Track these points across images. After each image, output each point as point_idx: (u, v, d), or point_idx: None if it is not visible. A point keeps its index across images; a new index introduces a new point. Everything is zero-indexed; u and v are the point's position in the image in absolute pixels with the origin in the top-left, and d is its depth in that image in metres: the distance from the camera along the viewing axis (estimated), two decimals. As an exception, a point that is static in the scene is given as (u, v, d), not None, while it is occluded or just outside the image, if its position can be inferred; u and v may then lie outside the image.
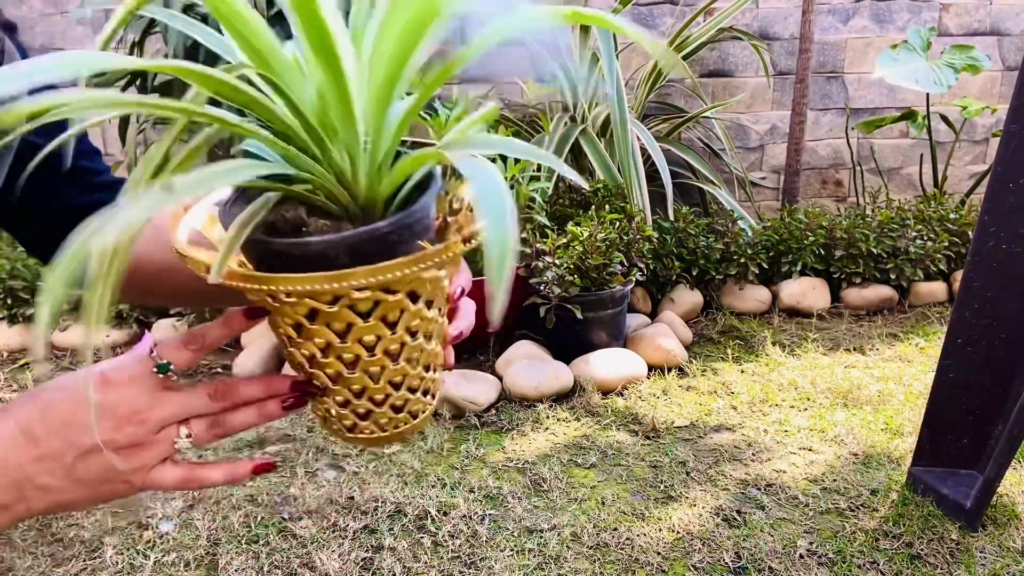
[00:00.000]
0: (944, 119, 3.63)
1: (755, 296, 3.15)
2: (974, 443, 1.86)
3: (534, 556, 1.71)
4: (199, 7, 2.35)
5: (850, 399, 2.41)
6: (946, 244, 3.13)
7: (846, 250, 3.10)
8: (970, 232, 3.05)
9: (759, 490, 1.96)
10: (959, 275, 2.73)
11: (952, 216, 3.24)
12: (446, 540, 1.76)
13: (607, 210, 2.78)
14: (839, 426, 2.25)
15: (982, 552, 1.70)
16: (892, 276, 3.13)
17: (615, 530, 1.79)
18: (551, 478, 2.01)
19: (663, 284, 3.07)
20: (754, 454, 2.12)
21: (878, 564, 1.67)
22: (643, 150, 3.06)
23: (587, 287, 2.56)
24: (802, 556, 1.70)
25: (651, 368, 2.61)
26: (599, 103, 3.33)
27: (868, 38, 3.73)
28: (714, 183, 3.40)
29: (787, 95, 3.71)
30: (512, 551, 1.73)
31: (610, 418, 2.32)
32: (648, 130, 3.18)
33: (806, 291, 3.13)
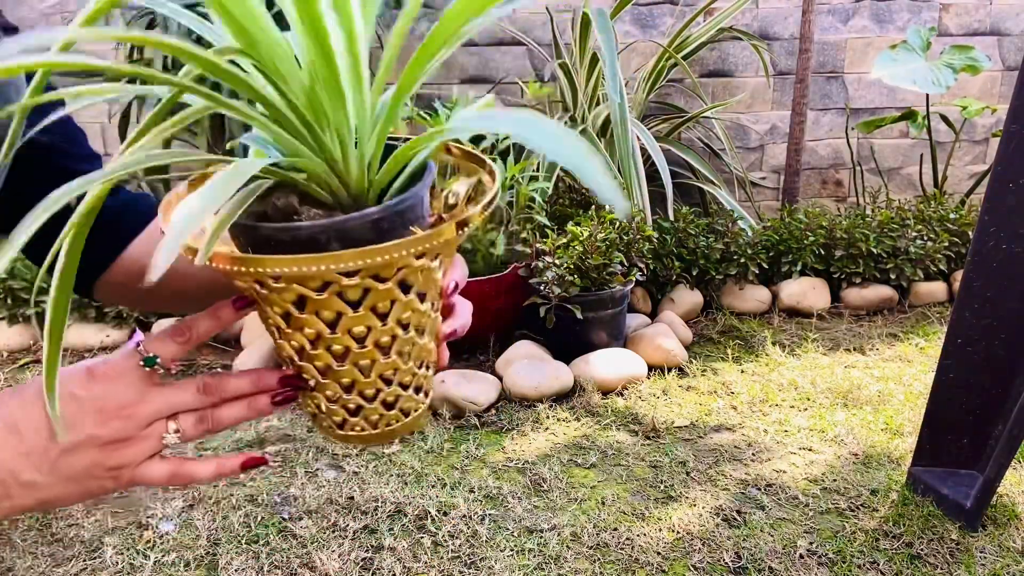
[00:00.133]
0: (944, 119, 3.63)
1: (755, 296, 3.15)
2: (974, 443, 1.86)
3: (534, 556, 1.71)
4: (200, 6, 2.35)
5: (850, 399, 2.41)
6: (946, 244, 3.13)
7: (846, 250, 3.10)
8: (970, 232, 3.04)
9: (759, 490, 1.96)
10: (959, 275, 2.73)
11: (952, 216, 3.24)
12: (446, 540, 1.76)
13: (607, 210, 2.78)
14: (839, 426, 2.25)
15: (982, 552, 1.70)
16: (892, 276, 3.13)
17: (615, 530, 1.79)
18: (551, 478, 2.01)
19: (663, 284, 3.07)
20: (754, 454, 2.12)
21: (878, 564, 1.67)
22: (643, 150, 3.06)
23: (587, 287, 2.56)
24: (802, 556, 1.70)
25: (651, 368, 2.61)
26: (599, 103, 3.33)
27: (868, 38, 3.73)
28: (714, 183, 3.40)
29: (787, 95, 3.71)
30: (512, 551, 1.73)
31: (610, 418, 2.32)
32: (648, 130, 3.18)
33: (806, 291, 3.13)
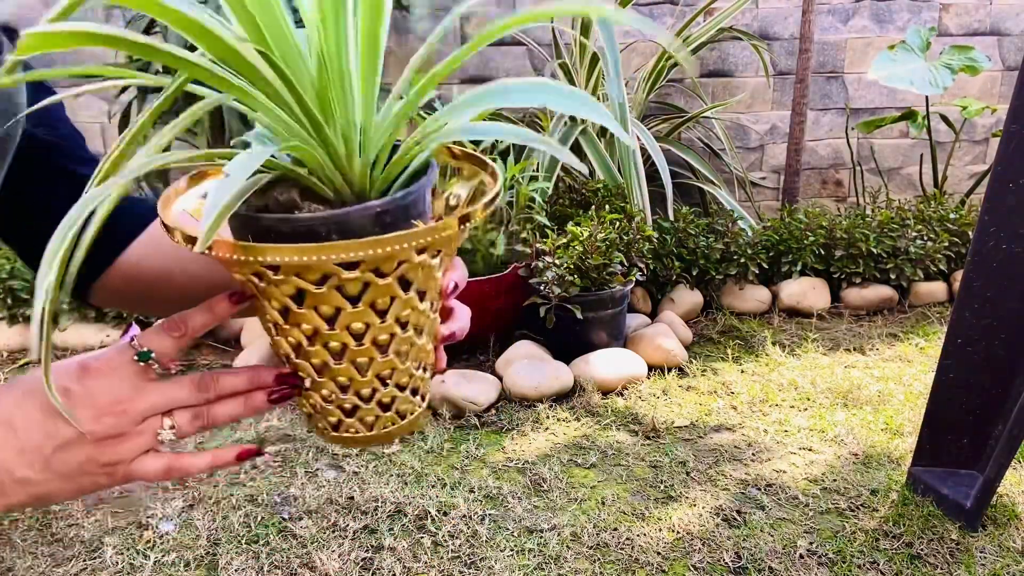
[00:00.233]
0: (944, 119, 3.63)
1: (755, 296, 3.15)
2: (974, 443, 1.86)
3: (534, 556, 1.71)
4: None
5: (850, 399, 2.41)
6: (946, 244, 3.13)
7: (846, 250, 3.10)
8: (970, 232, 3.04)
9: (759, 490, 1.96)
10: (959, 275, 2.73)
11: (952, 216, 3.23)
12: (446, 540, 1.76)
13: (607, 210, 2.78)
14: (839, 426, 2.25)
15: (982, 552, 1.70)
16: (892, 276, 3.13)
17: (615, 530, 1.79)
18: (551, 478, 2.01)
19: (663, 284, 3.07)
20: (754, 454, 2.12)
21: (878, 564, 1.67)
22: (643, 150, 3.07)
23: (587, 287, 2.56)
24: (802, 556, 1.70)
25: (651, 368, 2.61)
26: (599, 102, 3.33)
27: (868, 38, 3.73)
28: (714, 183, 3.40)
29: (787, 95, 3.71)
30: (512, 551, 1.73)
31: (610, 418, 2.32)
32: (648, 130, 3.18)
33: (806, 291, 3.13)
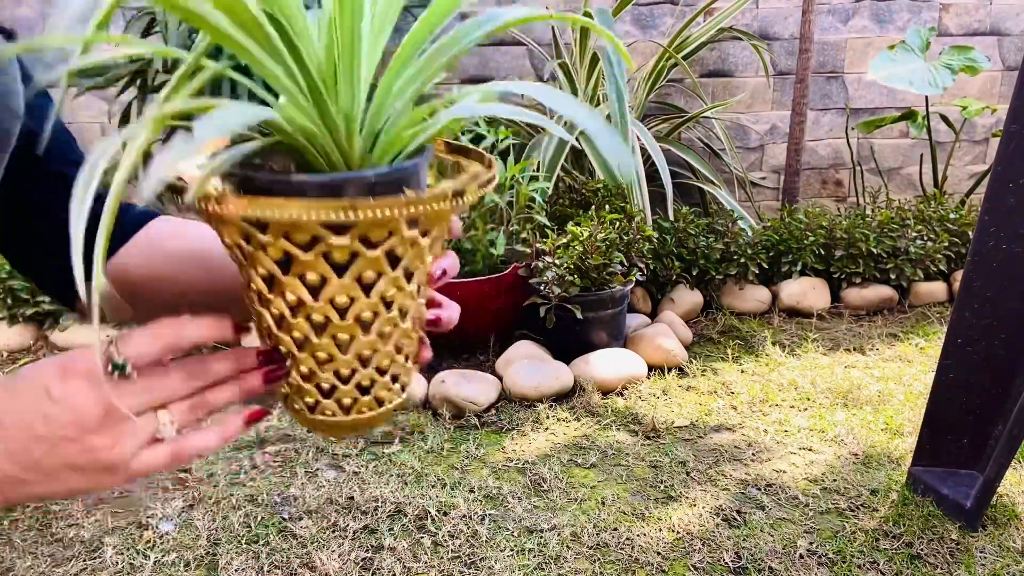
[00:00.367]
0: (944, 119, 3.63)
1: (755, 296, 3.15)
2: (974, 443, 1.86)
3: (534, 556, 1.71)
4: None
5: (850, 399, 2.41)
6: (946, 244, 3.13)
7: (846, 250, 3.10)
8: (970, 232, 3.04)
9: (759, 490, 1.96)
10: (959, 275, 2.73)
11: (952, 216, 3.23)
12: (446, 540, 1.76)
13: (607, 210, 2.78)
14: (839, 426, 2.25)
15: (982, 552, 1.70)
16: (892, 276, 3.13)
17: (615, 530, 1.79)
18: (551, 478, 2.01)
19: (663, 284, 3.07)
20: (754, 454, 2.12)
21: (878, 564, 1.67)
22: (643, 150, 3.07)
23: (587, 287, 2.56)
24: (802, 556, 1.70)
25: (651, 368, 2.61)
26: (599, 103, 3.33)
27: (868, 38, 3.73)
28: (714, 183, 3.40)
29: (787, 95, 3.71)
30: (512, 551, 1.73)
31: (610, 418, 2.32)
32: (648, 130, 3.18)
33: (806, 291, 3.13)
